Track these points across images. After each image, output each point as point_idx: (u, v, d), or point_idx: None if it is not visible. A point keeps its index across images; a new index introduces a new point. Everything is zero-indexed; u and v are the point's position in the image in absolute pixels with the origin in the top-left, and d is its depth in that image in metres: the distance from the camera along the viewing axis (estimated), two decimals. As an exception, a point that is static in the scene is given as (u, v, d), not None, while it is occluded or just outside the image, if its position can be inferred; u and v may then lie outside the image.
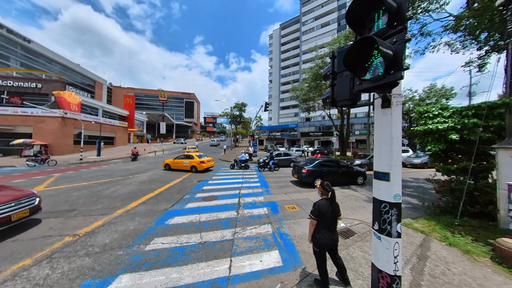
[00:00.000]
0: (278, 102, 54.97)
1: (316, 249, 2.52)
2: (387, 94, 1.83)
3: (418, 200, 7.03)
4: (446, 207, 5.36)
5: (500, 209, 4.21)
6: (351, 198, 7.42)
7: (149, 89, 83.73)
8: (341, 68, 2.22)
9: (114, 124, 34.46)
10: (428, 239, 4.04)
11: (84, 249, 3.71)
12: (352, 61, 1.70)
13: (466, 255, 3.47)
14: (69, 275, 2.98)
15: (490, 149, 4.92)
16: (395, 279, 1.90)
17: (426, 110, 5.59)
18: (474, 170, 4.61)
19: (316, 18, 46.84)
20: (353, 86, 2.05)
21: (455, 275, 2.95)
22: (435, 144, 5.22)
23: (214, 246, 3.84)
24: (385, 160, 1.92)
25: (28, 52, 39.71)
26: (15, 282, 2.84)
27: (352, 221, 5.18)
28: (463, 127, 4.81)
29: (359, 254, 3.47)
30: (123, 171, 12.99)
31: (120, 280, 2.90)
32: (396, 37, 1.55)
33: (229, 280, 2.91)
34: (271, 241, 4.06)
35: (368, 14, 1.77)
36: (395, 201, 1.87)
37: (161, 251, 3.68)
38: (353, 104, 2.19)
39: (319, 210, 2.45)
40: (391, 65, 1.50)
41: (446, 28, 8.10)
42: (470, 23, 7.04)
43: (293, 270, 3.15)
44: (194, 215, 5.48)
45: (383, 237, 1.92)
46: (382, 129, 1.96)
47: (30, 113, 22.42)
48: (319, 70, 18.49)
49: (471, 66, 9.09)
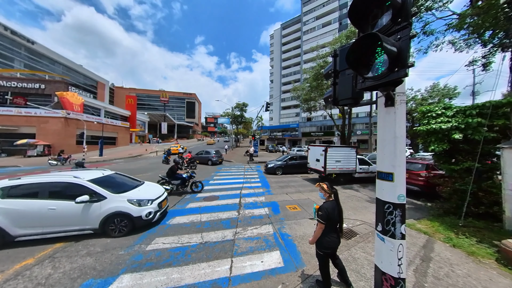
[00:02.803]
0: (279, 102, 54.88)
1: (320, 253, 2.47)
2: (391, 93, 1.79)
3: (421, 200, 6.95)
4: (450, 208, 5.29)
5: (505, 210, 4.14)
6: (353, 198, 7.37)
7: (150, 90, 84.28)
8: (343, 66, 2.18)
9: (116, 124, 34.71)
10: (431, 240, 3.98)
11: (86, 248, 3.72)
12: (354, 59, 1.67)
13: (471, 256, 3.41)
14: (70, 275, 2.99)
15: (495, 149, 4.84)
16: (399, 281, 1.86)
17: (429, 110, 5.52)
18: (478, 171, 4.54)
19: (317, 17, 46.66)
20: (356, 85, 2.01)
21: (459, 277, 2.90)
22: (439, 144, 5.16)
23: (215, 246, 3.82)
24: (388, 160, 1.89)
25: (31, 53, 40.17)
26: (17, 281, 2.85)
27: (354, 221, 5.13)
28: (467, 127, 4.74)
29: (361, 255, 3.43)
30: (125, 171, 13.01)
31: (121, 280, 2.89)
32: (400, 33, 1.51)
33: (230, 281, 2.89)
34: (272, 242, 4.03)
35: (371, 10, 1.73)
36: (399, 202, 1.83)
37: (162, 251, 3.68)
38: (355, 103, 2.16)
39: (328, 214, 2.36)
40: (395, 62, 1.47)
41: (450, 27, 7.99)
42: (474, 21, 6.93)
43: (295, 271, 3.12)
44: (195, 215, 5.47)
45: (387, 239, 1.88)
46: (385, 128, 1.92)
47: (34, 114, 22.68)
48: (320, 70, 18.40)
49: (475, 65, 8.97)
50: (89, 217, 4.04)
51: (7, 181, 4.08)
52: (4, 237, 3.69)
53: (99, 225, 4.08)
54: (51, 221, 3.90)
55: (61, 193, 4.08)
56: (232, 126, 44.65)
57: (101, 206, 4.11)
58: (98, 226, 4.09)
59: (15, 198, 3.88)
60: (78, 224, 4.03)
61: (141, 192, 4.86)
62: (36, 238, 3.89)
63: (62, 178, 4.28)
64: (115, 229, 4.18)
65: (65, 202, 3.96)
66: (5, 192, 3.91)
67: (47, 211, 3.84)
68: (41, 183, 4.08)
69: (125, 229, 4.23)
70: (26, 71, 35.17)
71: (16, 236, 3.77)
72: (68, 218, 3.97)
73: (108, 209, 4.13)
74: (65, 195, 4.05)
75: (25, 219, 3.80)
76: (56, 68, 44.25)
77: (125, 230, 4.23)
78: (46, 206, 3.87)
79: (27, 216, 3.80)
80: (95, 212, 4.05)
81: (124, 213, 4.23)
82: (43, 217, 3.84)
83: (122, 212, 4.22)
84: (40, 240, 3.92)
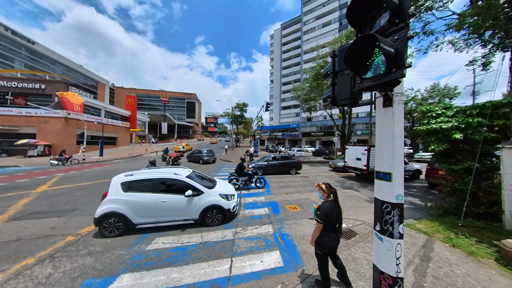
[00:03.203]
0: (279, 102, 54.88)
1: (319, 252, 2.48)
2: (389, 93, 1.80)
3: (420, 200, 6.95)
4: (450, 208, 5.29)
5: (505, 210, 4.14)
6: (352, 198, 7.37)
7: (151, 90, 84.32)
8: (342, 67, 2.19)
9: (116, 124, 34.73)
10: (431, 240, 3.99)
11: (86, 248, 3.74)
12: (353, 60, 1.67)
13: (470, 256, 3.41)
14: (71, 274, 3.00)
15: (494, 149, 4.84)
16: (397, 281, 1.87)
17: (429, 110, 5.52)
18: (478, 171, 4.54)
19: (317, 17, 46.66)
20: (354, 85, 2.03)
21: (459, 277, 2.90)
22: (439, 144, 5.16)
23: (215, 246, 3.84)
24: (386, 160, 1.90)
25: (32, 54, 40.25)
26: (18, 280, 2.87)
27: (354, 221, 5.14)
28: (467, 127, 4.74)
29: (360, 255, 3.43)
30: (125, 171, 13.05)
31: (121, 279, 2.91)
32: (397, 34, 1.52)
33: (229, 280, 2.90)
34: (272, 242, 4.04)
35: (369, 12, 1.74)
36: (397, 201, 1.84)
37: (162, 250, 3.69)
38: (354, 103, 2.17)
39: (326, 214, 2.37)
40: (393, 63, 1.48)
41: (450, 27, 8.00)
42: (474, 21, 6.93)
43: (294, 270, 3.13)
44: (195, 215, 5.47)
45: (385, 238, 1.89)
46: (383, 128, 1.93)
47: (34, 114, 22.70)
48: (320, 70, 18.42)
49: (475, 64, 8.97)
50: (192, 209, 4.63)
51: (124, 177, 4.60)
52: (128, 224, 4.29)
53: (199, 216, 4.65)
54: (163, 212, 4.49)
55: (169, 188, 4.67)
56: (232, 126, 44.66)
57: (200, 200, 4.70)
58: (199, 216, 4.65)
59: (134, 192, 4.43)
60: (184, 215, 4.63)
61: (223, 188, 5.43)
62: (151, 226, 4.46)
63: (167, 175, 4.83)
64: (212, 219, 4.75)
65: (174, 195, 4.57)
66: (126, 187, 4.45)
67: (160, 203, 4.45)
68: (152, 179, 4.63)
69: (219, 219, 4.79)
70: (27, 71, 35.23)
71: (136, 224, 4.37)
72: (176, 210, 4.56)
73: (206, 202, 4.71)
74: (172, 189, 4.66)
75: (143, 210, 4.39)
76: (56, 68, 44.34)
77: (219, 219, 4.79)
78: (159, 199, 4.46)
79: (144, 207, 4.40)
80: (196, 204, 4.65)
81: (218, 205, 4.81)
82: (157, 208, 4.44)
83: (217, 205, 4.80)
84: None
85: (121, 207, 4.23)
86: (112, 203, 4.24)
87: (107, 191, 4.40)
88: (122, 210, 4.22)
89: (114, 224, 4.19)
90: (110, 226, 4.18)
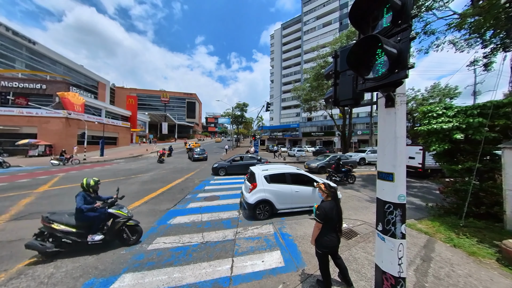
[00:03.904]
0: (279, 102, 54.85)
1: (319, 252, 2.49)
2: (391, 94, 1.80)
3: (422, 200, 6.94)
4: (451, 208, 5.28)
5: (506, 210, 4.13)
6: (353, 198, 7.37)
7: (151, 90, 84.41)
8: (343, 67, 2.20)
9: (117, 124, 34.78)
10: (432, 240, 3.98)
11: (87, 248, 3.74)
12: (355, 60, 1.68)
13: (472, 256, 3.41)
14: (73, 274, 3.01)
15: (496, 149, 4.83)
16: (400, 280, 1.87)
17: (429, 110, 5.51)
18: (479, 171, 4.53)
19: (317, 17, 46.62)
20: (356, 86, 2.03)
21: (460, 277, 2.90)
22: (440, 144, 5.15)
23: (216, 246, 3.84)
24: (389, 160, 1.90)
25: (33, 54, 40.31)
26: (20, 280, 2.88)
27: (355, 221, 5.14)
28: (468, 127, 4.73)
29: (361, 255, 3.44)
30: (125, 171, 13.08)
31: (123, 279, 2.92)
32: (400, 35, 1.52)
33: (231, 280, 2.90)
34: (273, 242, 4.04)
35: (371, 12, 1.75)
36: (400, 201, 1.84)
37: (163, 250, 3.70)
38: (356, 104, 2.17)
39: (325, 214, 2.38)
40: (395, 64, 1.48)
41: (450, 26, 7.98)
42: (475, 21, 6.92)
43: (295, 270, 3.13)
44: (196, 215, 5.49)
45: (387, 238, 1.90)
46: (386, 128, 1.93)
47: (35, 114, 22.74)
48: (320, 70, 18.40)
49: (477, 64, 8.96)
50: (313, 198, 5.39)
51: (263, 171, 5.58)
52: (273, 209, 5.24)
53: None
54: (296, 200, 5.44)
55: (297, 180, 5.61)
56: (232, 126, 44.68)
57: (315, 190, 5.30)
58: None
59: (274, 183, 5.37)
60: (309, 203, 5.46)
61: None
62: (287, 211, 5.37)
63: (292, 170, 5.85)
64: None
65: (302, 186, 5.53)
66: (268, 179, 5.38)
67: (294, 192, 5.42)
68: (283, 173, 5.63)
69: None
70: (28, 72, 35.29)
71: (278, 209, 5.28)
72: (305, 198, 5.49)
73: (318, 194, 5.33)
74: (299, 181, 5.62)
75: (282, 198, 5.32)
76: (57, 69, 44.39)
77: None
78: (293, 189, 5.43)
79: (283, 195, 5.33)
80: (315, 194, 5.39)
81: None
82: (293, 196, 5.41)
83: None
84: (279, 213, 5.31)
85: (269, 195, 5.17)
86: (262, 192, 5.16)
87: (255, 183, 5.26)
88: (269, 197, 5.16)
89: (264, 209, 5.15)
90: (262, 211, 5.13)
